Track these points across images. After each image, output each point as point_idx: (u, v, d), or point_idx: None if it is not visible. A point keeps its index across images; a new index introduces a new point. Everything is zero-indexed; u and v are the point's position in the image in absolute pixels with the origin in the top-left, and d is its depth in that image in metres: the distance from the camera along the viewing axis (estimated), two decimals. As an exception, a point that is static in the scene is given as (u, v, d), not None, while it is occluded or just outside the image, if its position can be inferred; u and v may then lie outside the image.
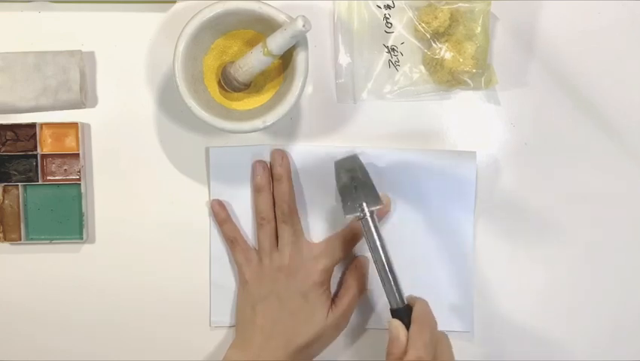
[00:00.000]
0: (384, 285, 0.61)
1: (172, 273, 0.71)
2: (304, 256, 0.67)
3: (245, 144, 0.70)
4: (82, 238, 0.69)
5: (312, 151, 0.70)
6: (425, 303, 0.62)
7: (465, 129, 0.71)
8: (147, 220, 0.70)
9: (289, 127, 0.70)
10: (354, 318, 0.69)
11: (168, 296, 0.71)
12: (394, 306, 0.61)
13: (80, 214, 0.69)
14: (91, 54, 0.70)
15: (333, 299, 0.67)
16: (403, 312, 0.61)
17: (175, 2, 0.69)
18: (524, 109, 0.71)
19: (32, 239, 0.69)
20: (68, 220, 0.69)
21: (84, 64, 0.69)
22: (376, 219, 0.62)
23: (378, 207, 0.61)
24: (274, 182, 0.69)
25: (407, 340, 0.59)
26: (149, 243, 0.70)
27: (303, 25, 0.58)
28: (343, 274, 0.70)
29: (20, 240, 0.69)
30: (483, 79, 0.68)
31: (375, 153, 0.69)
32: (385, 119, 0.70)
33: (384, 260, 0.61)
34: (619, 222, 0.71)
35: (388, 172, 0.70)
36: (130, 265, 0.70)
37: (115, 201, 0.70)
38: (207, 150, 0.70)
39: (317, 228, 0.70)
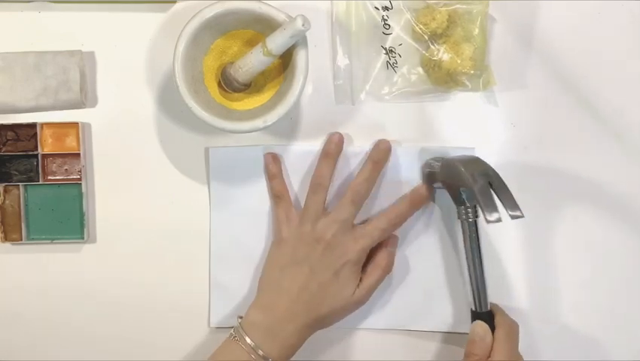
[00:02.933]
0: (473, 287, 0.63)
1: (173, 273, 0.71)
2: (346, 235, 0.66)
3: (244, 144, 0.70)
4: (83, 238, 0.69)
5: (312, 151, 0.70)
6: (503, 310, 0.64)
7: (464, 131, 0.71)
8: (148, 220, 0.70)
9: (289, 127, 0.70)
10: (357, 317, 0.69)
11: (169, 296, 0.71)
12: (479, 309, 0.63)
13: (81, 214, 0.69)
14: (91, 54, 0.70)
15: (364, 276, 0.67)
16: (485, 316, 0.62)
17: (175, 2, 0.70)
18: (523, 110, 0.71)
19: (32, 239, 0.70)
20: (68, 220, 0.70)
21: (84, 64, 0.69)
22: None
23: (519, 214, 0.58)
24: (369, 163, 0.68)
25: (493, 343, 0.60)
26: (150, 243, 0.70)
27: (303, 25, 0.58)
28: (373, 249, 0.68)
29: (21, 240, 0.69)
30: (481, 80, 0.68)
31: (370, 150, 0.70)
32: (383, 120, 0.70)
33: (483, 266, 0.63)
34: (618, 221, 0.71)
35: (387, 169, 0.70)
36: (131, 264, 0.71)
37: (116, 201, 0.70)
38: (206, 150, 0.70)
39: None
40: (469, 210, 0.64)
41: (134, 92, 0.70)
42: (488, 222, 0.58)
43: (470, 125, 0.71)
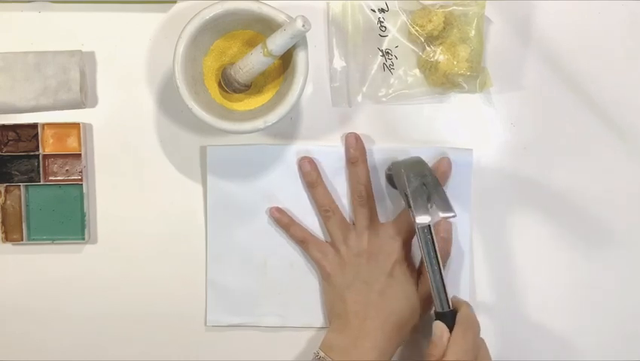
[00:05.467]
0: (432, 288, 0.63)
1: (174, 273, 0.71)
2: (381, 237, 0.67)
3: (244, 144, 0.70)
4: (84, 239, 0.69)
5: (312, 150, 0.70)
6: (469, 307, 0.63)
7: (461, 132, 0.71)
8: (149, 220, 0.70)
9: (289, 128, 0.70)
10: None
11: (170, 296, 0.71)
12: (440, 309, 0.62)
13: (82, 214, 0.69)
14: (91, 54, 0.70)
15: (420, 271, 0.67)
16: (449, 315, 0.62)
17: (175, 2, 0.69)
18: (522, 111, 0.71)
19: (33, 239, 0.70)
20: (69, 221, 0.70)
21: (84, 64, 0.69)
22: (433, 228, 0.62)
23: (451, 214, 0.61)
24: (350, 165, 0.69)
25: (448, 343, 0.60)
26: (150, 243, 0.70)
27: (303, 25, 0.58)
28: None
29: (22, 240, 0.69)
30: (477, 82, 0.68)
31: (370, 152, 0.69)
32: (380, 122, 0.70)
33: (440, 267, 0.62)
34: (618, 221, 0.71)
35: (383, 170, 0.70)
36: (132, 265, 0.71)
37: (116, 202, 0.70)
38: (203, 148, 0.70)
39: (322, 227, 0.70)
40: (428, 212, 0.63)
41: (134, 92, 0.70)
42: (417, 225, 0.60)
43: (468, 127, 0.71)
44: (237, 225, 0.70)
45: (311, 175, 0.69)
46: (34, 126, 0.69)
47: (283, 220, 0.69)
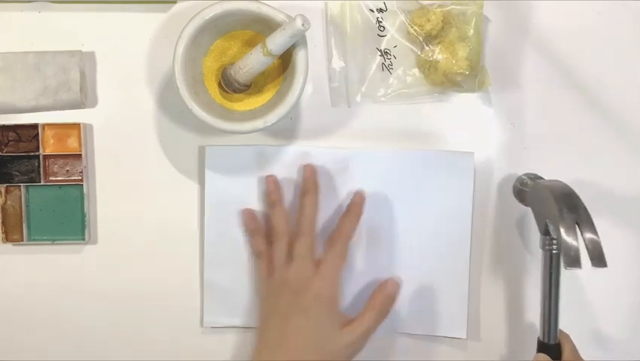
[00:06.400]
0: (543, 317, 0.62)
1: (175, 273, 0.71)
2: (308, 272, 0.64)
3: (244, 144, 0.70)
4: (84, 239, 0.69)
5: (311, 152, 0.70)
6: (574, 346, 0.62)
7: (461, 131, 0.71)
8: (149, 221, 0.70)
9: (289, 128, 0.70)
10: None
11: (170, 296, 0.71)
12: (545, 340, 0.62)
13: (82, 215, 0.69)
14: (91, 54, 0.70)
15: (355, 317, 0.64)
16: (553, 349, 0.61)
17: (175, 2, 0.69)
18: (521, 110, 0.70)
19: (33, 240, 0.70)
20: (70, 221, 0.70)
21: (84, 64, 0.69)
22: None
23: (603, 267, 0.55)
24: (301, 195, 0.67)
25: None
26: (151, 243, 0.70)
27: (302, 24, 0.58)
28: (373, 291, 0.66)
29: (22, 240, 0.69)
30: (476, 81, 0.67)
31: (371, 154, 0.69)
32: (380, 122, 0.70)
33: (558, 297, 0.61)
34: (618, 220, 0.71)
35: (385, 174, 0.69)
36: (132, 265, 0.71)
37: (117, 202, 0.70)
38: (202, 148, 0.69)
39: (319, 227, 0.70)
40: (554, 241, 0.62)
41: (134, 92, 0.70)
42: (566, 268, 0.56)
43: (468, 127, 0.71)
44: (235, 226, 0.70)
45: (274, 195, 0.68)
46: (34, 127, 0.69)
47: (249, 226, 0.69)
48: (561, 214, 0.56)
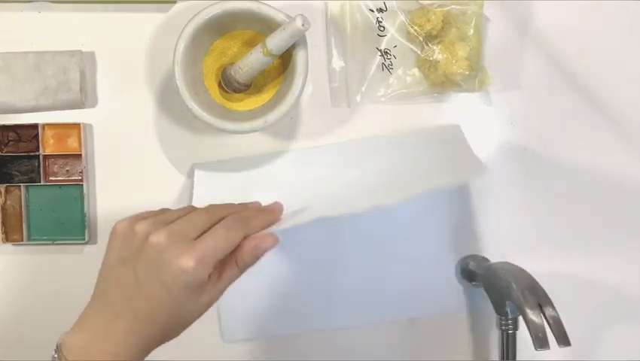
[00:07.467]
0: None
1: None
2: (184, 245, 0.52)
3: (243, 144, 0.70)
4: (84, 239, 0.69)
5: (310, 151, 0.69)
6: None
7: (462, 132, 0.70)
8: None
9: (288, 128, 0.70)
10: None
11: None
12: None
13: (83, 215, 0.69)
14: (91, 54, 0.70)
15: (218, 277, 0.54)
16: None
17: (175, 2, 0.69)
18: (521, 110, 0.71)
19: (33, 240, 0.70)
20: (70, 221, 0.70)
21: (84, 64, 0.69)
22: None
23: (565, 345, 0.56)
24: (260, 211, 0.59)
25: None
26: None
27: (302, 24, 0.58)
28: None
29: (22, 241, 0.69)
30: (476, 80, 0.68)
31: (361, 142, 0.69)
32: (380, 122, 0.70)
33: None
34: (618, 220, 0.71)
35: (377, 159, 0.69)
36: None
37: (117, 202, 0.70)
38: (192, 167, 0.69)
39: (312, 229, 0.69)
40: (509, 321, 0.63)
41: (134, 92, 0.70)
42: (537, 350, 0.56)
43: (468, 126, 0.70)
44: None
45: (226, 209, 0.57)
46: (34, 127, 0.69)
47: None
48: (524, 297, 0.57)
